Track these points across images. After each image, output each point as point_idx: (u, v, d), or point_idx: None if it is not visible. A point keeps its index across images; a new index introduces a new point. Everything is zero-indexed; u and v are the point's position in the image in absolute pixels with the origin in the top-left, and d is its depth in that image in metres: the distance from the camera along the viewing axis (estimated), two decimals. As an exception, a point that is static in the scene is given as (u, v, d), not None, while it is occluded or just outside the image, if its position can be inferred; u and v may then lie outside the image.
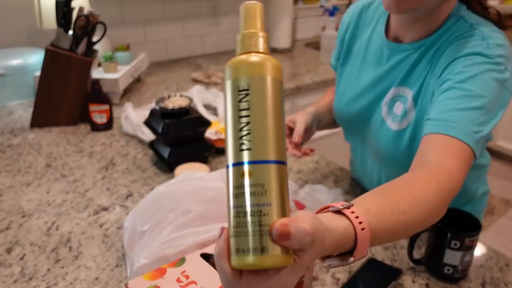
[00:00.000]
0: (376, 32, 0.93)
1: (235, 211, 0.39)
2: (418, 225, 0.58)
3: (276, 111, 0.40)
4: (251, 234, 0.38)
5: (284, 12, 2.28)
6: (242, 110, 0.39)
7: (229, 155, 0.40)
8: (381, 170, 0.96)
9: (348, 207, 0.48)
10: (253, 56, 0.41)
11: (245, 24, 0.42)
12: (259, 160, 0.39)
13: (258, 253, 0.38)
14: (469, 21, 0.80)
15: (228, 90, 0.41)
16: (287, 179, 0.41)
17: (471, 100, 0.71)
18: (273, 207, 0.39)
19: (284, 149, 0.40)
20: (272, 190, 0.39)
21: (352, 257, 0.47)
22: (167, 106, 1.11)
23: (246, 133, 0.39)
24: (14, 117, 1.46)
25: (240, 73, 0.40)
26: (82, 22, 1.34)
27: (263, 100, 0.39)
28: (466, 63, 0.74)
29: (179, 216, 0.79)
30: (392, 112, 0.88)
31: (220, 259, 0.40)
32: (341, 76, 1.03)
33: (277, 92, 0.40)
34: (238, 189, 0.39)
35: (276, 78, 0.40)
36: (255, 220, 0.38)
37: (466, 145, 0.67)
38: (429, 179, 0.61)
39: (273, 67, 0.41)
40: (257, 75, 0.40)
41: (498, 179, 2.75)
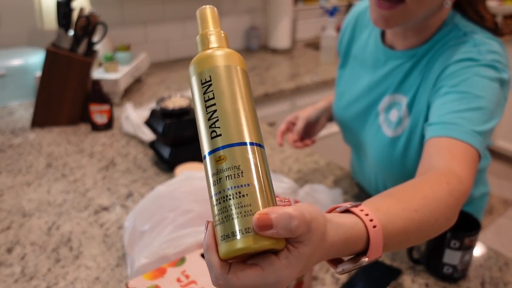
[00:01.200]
0: (373, 36, 0.93)
1: (216, 198, 0.39)
2: (431, 226, 0.54)
3: (240, 96, 0.41)
4: (234, 217, 0.37)
5: (284, 13, 2.28)
6: (208, 100, 0.41)
7: (203, 146, 0.41)
8: (378, 174, 0.97)
9: (356, 206, 0.46)
10: (210, 50, 0.43)
11: (200, 26, 0.45)
12: (231, 143, 0.39)
13: (243, 235, 0.37)
14: (463, 29, 0.80)
15: (194, 86, 0.43)
16: (265, 161, 0.40)
17: (468, 101, 0.71)
18: (251, 187, 0.38)
19: (257, 132, 0.41)
20: (248, 171, 0.38)
21: (366, 257, 0.44)
22: (168, 106, 1.11)
23: (214, 120, 0.40)
24: (15, 117, 1.46)
25: (200, 68, 0.42)
26: (82, 22, 1.35)
27: (225, 86, 0.41)
28: (457, 68, 0.75)
29: (179, 216, 0.79)
30: (388, 119, 0.88)
31: (208, 252, 0.38)
32: (340, 79, 1.04)
33: (238, 78, 0.42)
34: (215, 175, 0.39)
35: (234, 66, 0.42)
36: (236, 202, 0.37)
37: (470, 146, 0.67)
38: (439, 179, 0.59)
39: (229, 55, 0.43)
40: (216, 65, 0.42)
41: (498, 179, 2.75)
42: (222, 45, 0.44)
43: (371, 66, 0.93)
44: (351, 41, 1.01)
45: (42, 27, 1.66)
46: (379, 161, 0.92)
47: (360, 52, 0.97)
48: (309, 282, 0.74)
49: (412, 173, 0.83)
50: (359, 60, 0.97)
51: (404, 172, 0.88)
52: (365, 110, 0.94)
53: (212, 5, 0.46)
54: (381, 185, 0.98)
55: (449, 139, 0.67)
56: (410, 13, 0.74)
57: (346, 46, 1.02)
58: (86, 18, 1.35)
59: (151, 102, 1.58)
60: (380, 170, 0.94)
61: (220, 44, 0.44)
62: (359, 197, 1.06)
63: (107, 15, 1.78)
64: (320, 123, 1.11)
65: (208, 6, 0.46)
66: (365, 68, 0.95)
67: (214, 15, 0.45)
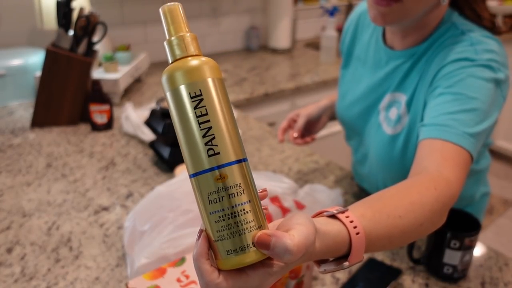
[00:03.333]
0: (375, 37, 0.94)
1: (215, 217, 0.39)
2: (415, 230, 0.57)
3: (229, 110, 0.41)
4: (242, 233, 0.39)
5: (284, 13, 2.28)
6: (200, 116, 0.39)
7: (194, 163, 0.40)
8: (379, 173, 0.97)
9: (343, 212, 0.48)
10: (194, 60, 0.40)
11: (172, 28, 0.42)
12: (230, 162, 0.39)
13: (251, 249, 0.39)
14: (460, 27, 0.80)
15: (176, 99, 0.40)
16: (251, 173, 0.42)
17: (462, 103, 0.71)
18: (252, 203, 0.40)
19: (242, 145, 0.41)
20: (247, 188, 0.40)
21: (347, 262, 0.47)
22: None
23: (210, 138, 0.39)
24: (15, 117, 1.46)
25: (186, 80, 0.40)
26: (82, 22, 1.35)
27: (216, 102, 0.40)
28: (453, 68, 0.75)
29: (179, 216, 0.79)
30: (388, 117, 0.89)
31: (199, 260, 0.40)
32: (343, 79, 1.04)
33: (224, 91, 0.41)
34: (214, 194, 0.39)
35: (220, 78, 0.41)
36: (242, 219, 0.39)
37: (462, 148, 0.67)
38: (427, 185, 0.61)
39: (214, 68, 0.41)
40: (204, 79, 0.40)
41: (498, 179, 2.75)
42: (199, 51, 0.42)
43: (373, 66, 0.93)
44: (353, 41, 1.01)
45: (42, 27, 1.66)
46: (379, 159, 0.92)
47: (362, 52, 0.97)
48: (309, 282, 0.74)
49: None
50: (361, 60, 0.98)
51: (403, 170, 0.88)
52: (367, 110, 0.94)
53: (213, 5, 0.44)
54: (381, 186, 0.98)
55: (441, 141, 0.68)
56: (407, 10, 0.75)
57: (349, 46, 1.02)
58: (86, 18, 1.35)
59: (151, 102, 1.58)
60: (381, 169, 0.94)
61: (199, 51, 0.42)
62: (359, 197, 1.06)
63: (107, 15, 1.78)
64: (321, 121, 1.12)
65: (174, 3, 0.42)
66: (367, 68, 0.95)
67: (183, 14, 0.42)
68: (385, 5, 0.74)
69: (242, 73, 2.00)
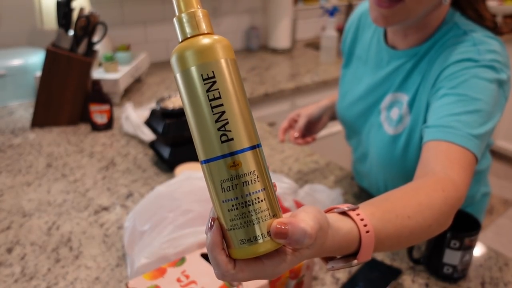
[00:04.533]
0: (376, 37, 0.94)
1: (229, 205, 0.38)
2: (423, 231, 0.57)
3: (243, 93, 0.38)
4: (255, 222, 0.38)
5: (284, 13, 2.28)
6: (213, 99, 0.37)
7: (206, 149, 0.38)
8: (379, 172, 0.97)
9: (354, 209, 0.48)
10: (206, 39, 0.37)
11: (182, 3, 0.39)
12: (244, 148, 0.37)
13: (265, 238, 0.38)
14: (463, 28, 0.80)
15: (187, 81, 0.37)
16: (265, 159, 0.40)
17: (466, 104, 0.71)
18: (266, 191, 0.38)
19: (256, 131, 0.39)
20: (261, 175, 0.38)
21: (355, 260, 0.47)
22: (168, 106, 1.11)
23: (224, 123, 0.37)
24: (15, 117, 1.46)
25: (198, 60, 0.37)
26: (82, 22, 1.35)
27: (230, 85, 0.37)
28: (457, 69, 0.75)
29: (179, 216, 0.79)
30: (389, 117, 0.89)
31: (214, 251, 0.39)
32: (344, 78, 1.04)
33: (238, 73, 0.38)
34: (227, 182, 0.37)
35: (233, 59, 0.38)
36: (256, 208, 0.38)
37: (467, 150, 0.67)
38: (434, 186, 0.61)
39: (228, 47, 0.38)
40: (218, 59, 0.37)
41: (498, 179, 2.75)
42: (210, 29, 0.39)
43: (375, 66, 0.93)
44: (355, 41, 1.01)
45: (42, 27, 1.66)
46: (380, 159, 0.92)
47: (364, 52, 0.97)
48: (309, 282, 0.74)
49: (413, 172, 0.83)
50: (362, 60, 0.98)
51: (404, 170, 0.88)
52: (368, 109, 0.94)
53: (213, 5, 0.43)
54: (382, 186, 0.98)
55: (446, 143, 0.68)
56: (409, 11, 0.75)
57: (350, 46, 1.02)
58: (86, 18, 1.35)
59: (151, 102, 1.58)
60: (381, 170, 0.94)
61: (211, 29, 0.39)
62: (359, 197, 1.06)
63: (107, 15, 1.78)
64: (322, 121, 1.12)
65: None
66: (369, 68, 0.95)
67: None
68: (387, 7, 0.74)
69: (242, 73, 2.00)
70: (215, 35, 0.39)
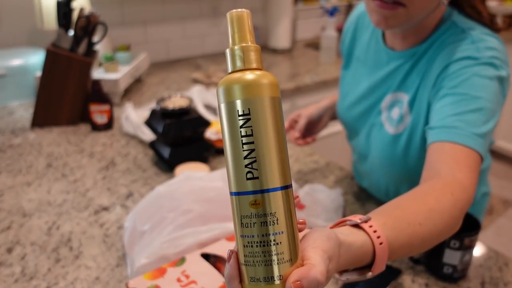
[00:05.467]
0: (374, 37, 0.94)
1: (245, 241, 0.38)
2: (434, 237, 0.57)
3: (279, 134, 0.38)
4: (265, 264, 0.38)
5: (284, 13, 2.28)
6: (244, 136, 0.37)
7: (232, 182, 0.38)
8: (380, 172, 0.97)
9: (366, 221, 0.48)
10: (250, 75, 0.38)
11: (236, 36, 0.39)
12: (268, 189, 0.37)
13: (274, 281, 0.38)
14: (461, 26, 0.80)
15: (225, 113, 0.38)
16: (293, 201, 0.40)
17: (468, 103, 0.71)
18: (285, 234, 0.38)
19: (289, 171, 0.39)
20: (283, 218, 0.38)
21: (370, 272, 0.47)
22: (168, 106, 1.11)
23: (251, 161, 0.37)
24: (15, 117, 1.46)
25: (237, 96, 0.37)
26: (82, 22, 1.35)
27: (266, 124, 0.37)
28: (457, 67, 0.75)
29: (179, 216, 0.79)
30: (390, 117, 0.89)
31: (231, 284, 0.40)
32: (344, 79, 1.04)
33: (278, 112, 0.38)
34: (246, 218, 0.38)
35: (275, 97, 0.38)
36: (269, 250, 0.38)
37: (472, 150, 0.67)
38: (443, 190, 0.60)
39: (272, 85, 0.38)
40: (257, 97, 0.37)
41: (498, 179, 2.75)
42: (259, 65, 0.39)
43: (374, 67, 0.93)
44: (353, 42, 1.01)
45: (42, 27, 1.66)
46: (382, 159, 0.92)
47: (363, 53, 0.97)
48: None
49: (414, 172, 0.84)
50: (361, 61, 0.98)
51: (406, 170, 0.88)
52: (368, 110, 0.94)
53: (213, 5, 0.43)
54: (382, 186, 0.98)
55: (451, 144, 0.68)
56: (411, 14, 0.74)
57: (348, 47, 1.02)
58: (86, 18, 1.35)
59: (151, 102, 1.58)
60: (382, 169, 0.94)
61: (257, 64, 0.39)
62: (360, 197, 1.06)
63: (107, 15, 1.78)
64: (322, 122, 1.12)
65: (244, 9, 0.39)
66: (368, 69, 0.95)
67: (250, 23, 0.39)
68: (390, 9, 0.74)
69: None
70: (262, 71, 0.39)
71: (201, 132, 1.15)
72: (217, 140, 1.22)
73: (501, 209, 2.49)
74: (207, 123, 1.14)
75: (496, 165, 2.89)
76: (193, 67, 2.08)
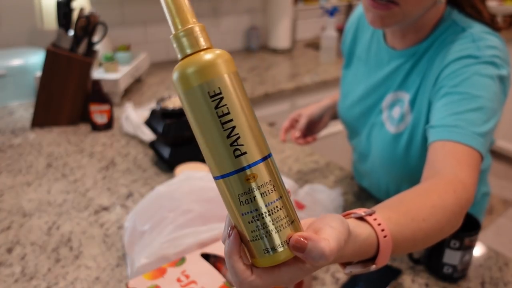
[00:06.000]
0: (376, 37, 0.94)
1: (249, 217, 0.39)
2: (437, 233, 0.57)
3: (249, 105, 0.39)
4: (274, 232, 0.39)
5: (284, 13, 2.28)
6: (223, 116, 0.37)
7: (219, 165, 0.38)
8: (380, 171, 0.97)
9: (371, 214, 0.48)
10: (207, 55, 0.37)
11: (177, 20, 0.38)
12: (258, 160, 0.38)
13: (284, 247, 0.39)
14: (461, 24, 0.80)
15: (193, 100, 0.37)
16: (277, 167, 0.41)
17: (468, 102, 0.71)
18: (283, 199, 0.39)
19: (265, 140, 0.40)
20: (276, 185, 0.39)
21: (374, 265, 0.47)
22: (168, 106, 1.11)
23: (235, 138, 0.37)
24: (15, 117, 1.46)
25: (204, 77, 0.36)
26: (82, 22, 1.35)
27: (238, 99, 0.37)
28: (457, 66, 0.75)
29: (179, 216, 0.79)
30: (391, 116, 0.89)
31: (232, 259, 0.40)
32: (345, 79, 1.04)
33: (242, 85, 0.39)
34: (245, 195, 0.38)
35: (235, 72, 0.39)
36: (274, 217, 0.39)
37: (473, 149, 0.67)
38: (446, 188, 0.61)
39: (229, 61, 0.38)
40: (223, 75, 0.37)
41: (498, 179, 2.75)
42: (210, 43, 0.39)
43: (375, 66, 0.93)
44: (354, 41, 1.01)
45: (42, 27, 1.66)
46: (382, 159, 0.92)
47: (364, 52, 0.97)
48: (309, 282, 0.74)
49: (415, 171, 0.84)
50: (362, 60, 0.98)
51: (407, 169, 0.88)
52: (369, 109, 0.94)
53: (213, 5, 0.43)
54: (383, 185, 0.98)
55: (452, 143, 0.68)
56: (405, 13, 0.75)
57: (350, 47, 1.02)
58: (86, 18, 1.35)
59: (151, 102, 1.58)
60: (383, 169, 0.94)
61: (209, 43, 0.38)
62: (360, 197, 1.06)
63: (107, 15, 1.78)
64: (323, 121, 1.12)
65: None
66: (369, 68, 0.95)
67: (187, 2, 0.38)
68: (384, 9, 0.74)
69: (242, 73, 2.00)
70: (215, 49, 0.38)
71: (201, 132, 1.14)
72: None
73: (501, 209, 2.49)
74: (207, 123, 1.14)
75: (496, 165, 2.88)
76: (193, 67, 2.08)
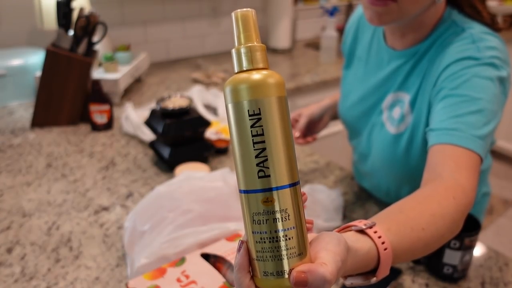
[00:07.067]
0: (376, 37, 0.94)
1: (257, 237, 0.39)
2: (437, 241, 0.58)
3: (287, 132, 0.39)
4: (282, 258, 0.39)
5: (284, 13, 2.28)
6: (256, 136, 0.38)
7: (245, 180, 0.39)
8: (381, 173, 0.97)
9: (371, 227, 0.49)
10: (258, 75, 0.38)
11: (242, 36, 0.40)
12: (279, 186, 0.38)
13: (284, 274, 0.39)
14: (461, 25, 0.80)
15: (235, 113, 0.39)
16: (301, 197, 0.41)
17: (468, 104, 0.71)
18: (296, 229, 0.39)
19: (296, 168, 0.40)
20: (293, 213, 0.39)
21: (374, 277, 0.47)
22: (168, 106, 1.11)
23: (263, 159, 0.38)
24: (15, 117, 1.46)
25: (247, 96, 0.38)
26: (82, 22, 1.35)
27: (275, 124, 0.38)
28: (457, 68, 0.74)
29: (179, 216, 0.79)
30: (391, 116, 0.89)
31: (240, 272, 0.40)
32: (345, 79, 1.04)
33: (285, 111, 0.39)
34: (258, 215, 0.39)
35: (283, 97, 0.39)
36: (284, 244, 0.39)
37: (472, 152, 0.67)
38: (445, 194, 0.61)
39: (279, 84, 0.39)
40: (267, 97, 0.38)
41: (498, 179, 2.75)
42: (266, 65, 0.40)
43: (375, 66, 0.93)
44: (355, 42, 1.01)
45: (42, 27, 1.66)
46: (383, 159, 0.92)
47: (364, 52, 0.97)
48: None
49: (415, 171, 0.84)
50: (363, 61, 0.98)
51: (406, 170, 0.88)
52: (369, 109, 0.94)
53: (213, 5, 0.43)
54: (383, 186, 0.98)
55: (451, 146, 0.68)
56: (403, 10, 0.75)
57: (350, 47, 1.02)
58: (86, 18, 1.35)
59: (151, 102, 1.58)
60: (383, 169, 0.94)
61: (266, 64, 0.40)
62: (360, 197, 1.06)
63: (107, 15, 1.78)
64: (323, 121, 1.12)
65: (249, 9, 0.40)
66: (370, 68, 0.95)
67: (255, 23, 0.40)
68: (382, 5, 0.74)
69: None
70: (269, 71, 0.39)
71: (201, 132, 1.15)
72: (217, 140, 1.22)
73: (501, 209, 2.49)
74: (207, 123, 1.14)
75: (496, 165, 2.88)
76: (193, 67, 2.08)
